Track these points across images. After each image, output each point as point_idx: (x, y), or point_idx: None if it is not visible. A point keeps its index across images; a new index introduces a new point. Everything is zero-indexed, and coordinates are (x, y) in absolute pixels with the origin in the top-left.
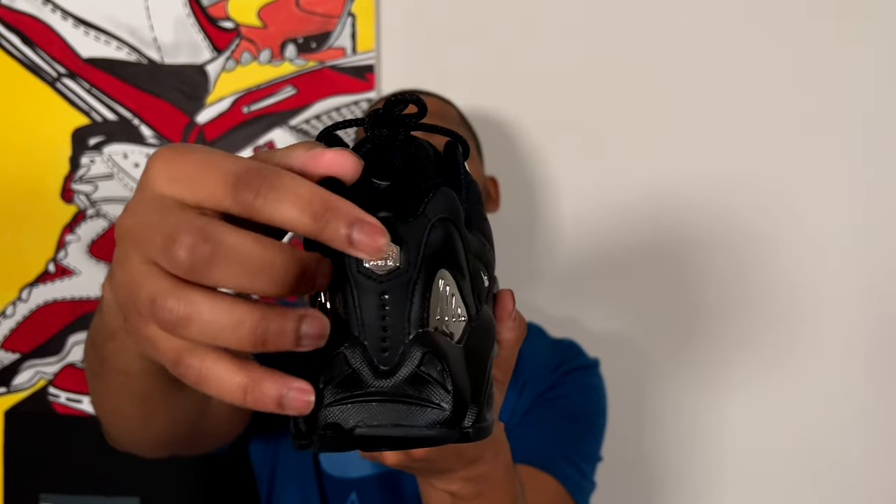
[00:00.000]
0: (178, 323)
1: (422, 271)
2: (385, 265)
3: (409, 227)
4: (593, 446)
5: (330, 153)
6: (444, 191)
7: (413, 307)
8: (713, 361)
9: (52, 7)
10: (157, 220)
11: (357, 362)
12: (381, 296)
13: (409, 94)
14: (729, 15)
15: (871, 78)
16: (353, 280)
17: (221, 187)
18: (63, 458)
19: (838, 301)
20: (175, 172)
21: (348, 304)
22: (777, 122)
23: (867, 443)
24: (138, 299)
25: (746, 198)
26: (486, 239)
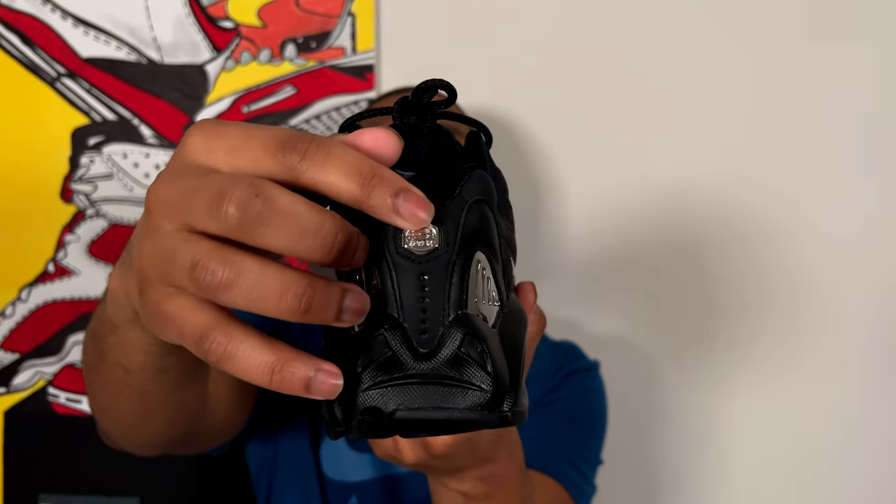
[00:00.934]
0: (220, 286)
1: (460, 252)
2: (424, 246)
3: (446, 208)
4: (594, 449)
5: (370, 131)
6: (479, 173)
7: (452, 288)
8: (715, 363)
9: (51, 7)
10: (201, 183)
11: (396, 344)
12: (420, 277)
13: (439, 81)
14: (733, 13)
15: (873, 76)
16: (392, 261)
17: (265, 151)
18: (63, 458)
19: (844, 302)
20: (214, 144)
21: (386, 285)
22: (780, 123)
23: (872, 444)
24: (173, 266)
25: (749, 199)
26: (511, 227)
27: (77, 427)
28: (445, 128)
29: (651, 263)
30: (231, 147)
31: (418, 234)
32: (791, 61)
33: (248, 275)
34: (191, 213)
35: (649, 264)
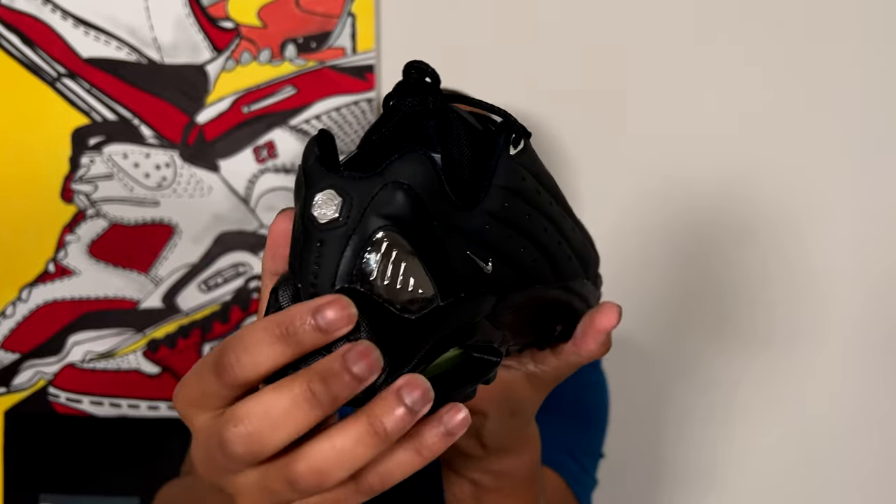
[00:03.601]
0: (317, 483)
1: (361, 227)
2: (325, 214)
3: (360, 183)
4: (595, 442)
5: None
6: (415, 156)
7: (343, 261)
8: (717, 357)
9: (51, 7)
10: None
11: (286, 301)
12: (318, 243)
13: (422, 63)
14: (733, 12)
15: (875, 73)
16: (300, 222)
17: (212, 385)
18: (63, 458)
19: (849, 301)
20: (180, 397)
21: (294, 243)
22: (782, 120)
23: (876, 441)
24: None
25: (752, 197)
26: (522, 234)
27: (77, 427)
28: (458, 111)
29: (653, 258)
30: (199, 395)
31: (325, 202)
32: (793, 58)
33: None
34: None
35: (651, 259)
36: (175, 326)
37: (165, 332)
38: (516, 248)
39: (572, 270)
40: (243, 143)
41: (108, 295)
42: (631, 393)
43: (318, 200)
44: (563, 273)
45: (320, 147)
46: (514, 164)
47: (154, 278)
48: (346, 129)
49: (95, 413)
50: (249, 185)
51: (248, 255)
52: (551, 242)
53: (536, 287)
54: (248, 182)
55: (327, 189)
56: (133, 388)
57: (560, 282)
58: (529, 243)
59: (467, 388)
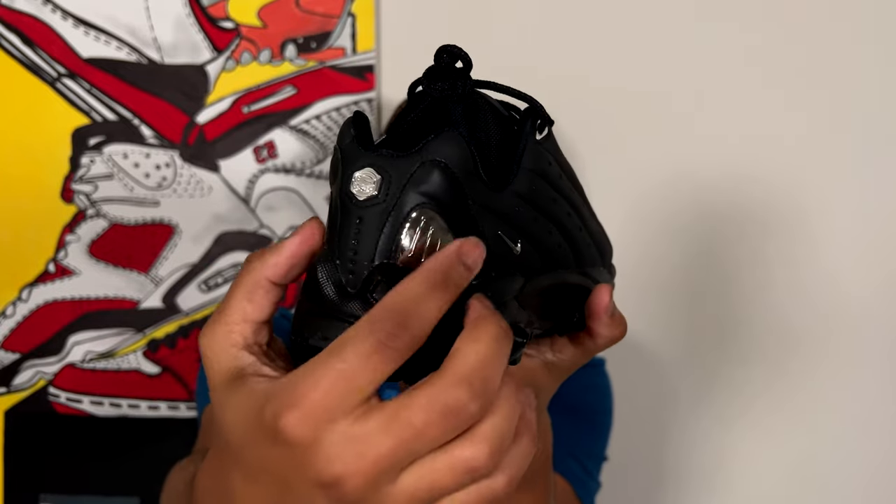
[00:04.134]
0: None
1: (399, 204)
2: (363, 191)
3: (398, 161)
4: (598, 445)
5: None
6: (451, 135)
7: (382, 237)
8: (724, 359)
9: (52, 7)
10: (390, 424)
11: (323, 278)
12: (357, 219)
13: (455, 47)
14: (732, 11)
15: (875, 72)
16: (339, 199)
17: (372, 365)
18: (63, 458)
19: (857, 302)
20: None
21: (332, 220)
22: (784, 121)
23: (880, 444)
24: (433, 494)
25: (766, 201)
26: (548, 217)
27: (77, 427)
28: (485, 97)
29: (658, 258)
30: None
31: (363, 179)
32: (799, 56)
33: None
34: (415, 452)
35: (657, 259)
36: (175, 326)
37: (165, 332)
38: (543, 231)
39: (591, 257)
40: (243, 143)
41: (109, 295)
42: (634, 394)
43: (357, 178)
44: (583, 259)
45: (356, 128)
46: (541, 149)
47: (154, 278)
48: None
49: (95, 413)
50: (249, 185)
51: (247, 255)
52: (574, 228)
53: (560, 271)
54: (249, 182)
55: (366, 167)
56: (133, 387)
57: (580, 267)
58: (555, 227)
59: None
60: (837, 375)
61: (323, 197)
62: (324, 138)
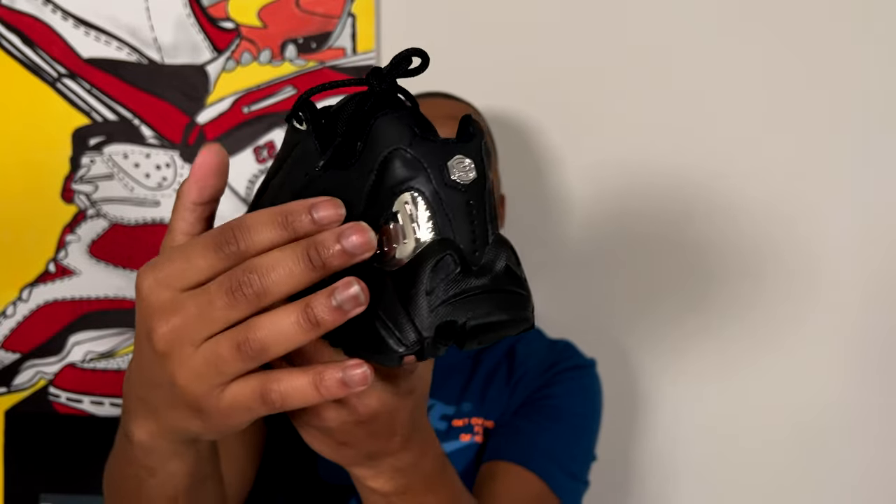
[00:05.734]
0: (262, 350)
1: (487, 180)
2: (467, 176)
3: (470, 144)
4: (582, 446)
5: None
6: (475, 122)
7: (488, 211)
8: (711, 361)
9: (52, 7)
10: (195, 302)
11: (456, 265)
12: (467, 203)
13: (415, 49)
14: (731, 12)
15: (873, 73)
16: (441, 192)
17: (207, 258)
18: (63, 458)
19: (840, 299)
20: (161, 277)
21: (437, 213)
22: (778, 120)
23: (867, 435)
24: (222, 365)
25: (749, 199)
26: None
27: (77, 427)
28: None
29: (647, 261)
30: (180, 270)
31: (461, 167)
32: (802, 55)
33: (273, 326)
34: (205, 325)
35: (646, 263)
36: None
37: None
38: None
39: None
40: (243, 143)
41: (109, 295)
42: (623, 397)
43: (458, 165)
44: None
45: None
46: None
47: None
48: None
49: (96, 413)
50: (250, 185)
51: None
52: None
53: None
54: (249, 182)
55: (456, 156)
56: None
57: None
58: None
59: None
60: (827, 373)
61: None
62: None
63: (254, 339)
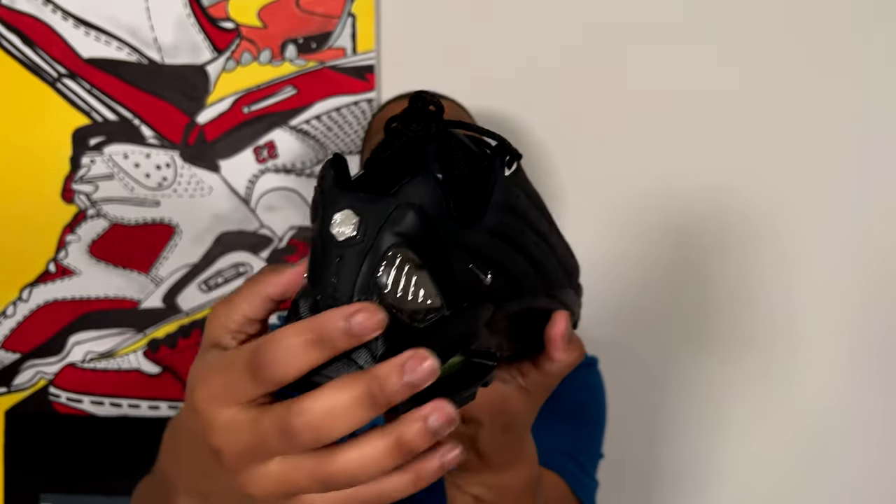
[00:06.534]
0: (350, 481)
1: (376, 244)
2: (343, 233)
3: (375, 204)
4: (594, 443)
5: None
6: (425, 179)
7: (360, 275)
8: (712, 360)
9: (52, 7)
10: (252, 431)
11: (305, 311)
12: (336, 258)
13: (430, 93)
14: (727, 15)
15: (872, 75)
16: (320, 238)
17: (244, 382)
18: (63, 458)
19: (842, 303)
20: (211, 394)
21: (313, 258)
22: (775, 125)
23: (871, 441)
24: (295, 491)
25: (746, 201)
26: (516, 248)
27: (77, 427)
28: (459, 136)
29: (650, 263)
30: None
31: (343, 221)
32: (799, 57)
33: (360, 461)
34: (270, 453)
35: (648, 264)
36: (175, 326)
37: (166, 331)
38: (512, 262)
39: (558, 280)
40: (243, 143)
41: (109, 295)
42: (628, 394)
43: (337, 219)
44: (550, 283)
45: (335, 169)
46: (510, 185)
47: (154, 278)
48: (347, 129)
49: (96, 413)
50: (250, 185)
51: (248, 255)
52: (541, 255)
53: (528, 297)
54: (249, 182)
55: (345, 209)
56: (134, 387)
57: (548, 291)
58: (522, 257)
59: (469, 391)
60: (826, 374)
61: None
62: (324, 138)
63: (341, 476)
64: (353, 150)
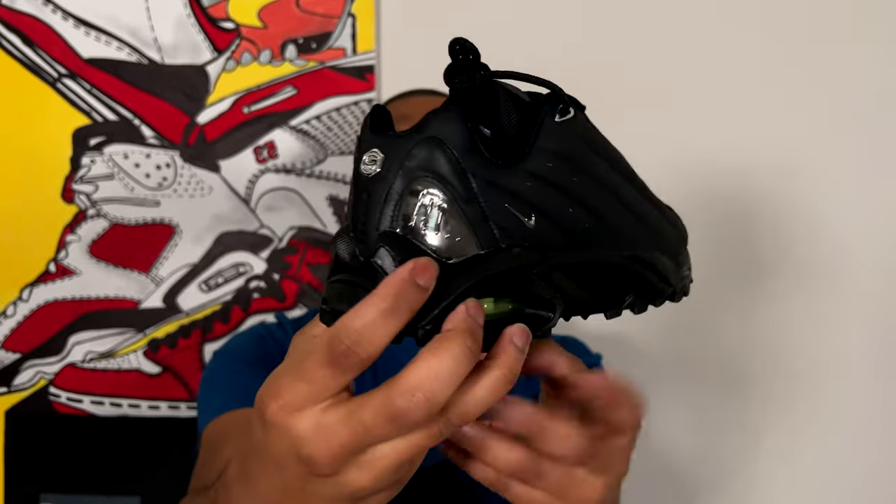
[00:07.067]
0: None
1: (399, 179)
2: (371, 169)
3: (399, 140)
4: None
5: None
6: (448, 114)
7: (385, 208)
8: (713, 361)
9: (52, 7)
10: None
11: (341, 249)
12: (365, 193)
13: (464, 40)
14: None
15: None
16: (353, 179)
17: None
18: (63, 458)
19: (849, 301)
20: (289, 403)
21: (349, 198)
22: (787, 118)
23: (870, 444)
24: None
25: (747, 201)
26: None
27: (78, 427)
28: (504, 84)
29: None
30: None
31: (370, 160)
32: (794, 57)
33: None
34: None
35: None
36: (176, 326)
37: (166, 331)
38: (561, 208)
39: (639, 241)
40: (244, 143)
41: (109, 295)
42: None
43: (365, 159)
44: (622, 241)
45: (373, 118)
46: (564, 132)
47: (155, 278)
48: (347, 129)
49: (96, 413)
50: (250, 185)
51: (248, 255)
52: (608, 209)
53: (590, 249)
54: (249, 182)
55: (372, 149)
56: (134, 387)
57: (624, 249)
58: (578, 205)
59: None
60: (837, 377)
61: (323, 197)
62: (324, 138)
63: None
64: (353, 150)
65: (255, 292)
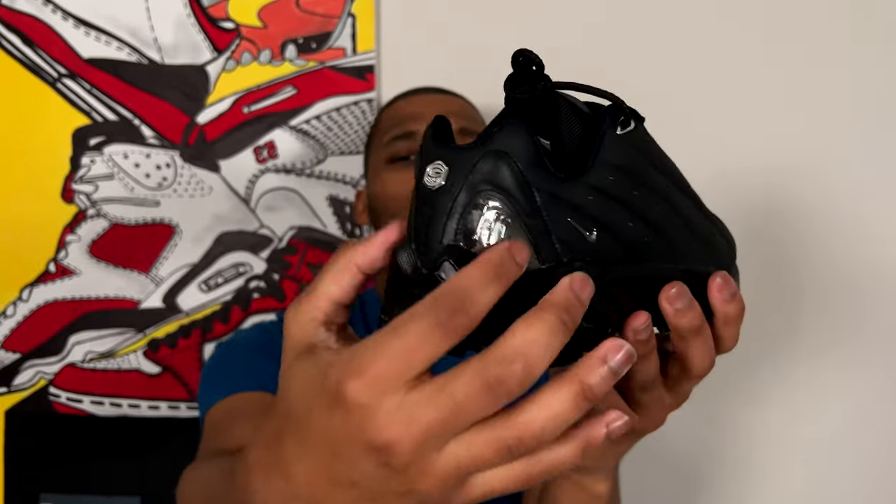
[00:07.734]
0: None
1: (463, 192)
2: (435, 182)
3: (463, 153)
4: None
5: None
6: (513, 128)
7: (449, 221)
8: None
9: (52, 7)
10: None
11: (403, 261)
12: (428, 206)
13: (529, 51)
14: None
15: (877, 76)
16: (416, 190)
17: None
18: (63, 458)
19: (863, 299)
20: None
21: (410, 211)
22: (781, 125)
23: (874, 447)
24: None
25: (750, 200)
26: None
27: (77, 427)
28: (566, 95)
29: None
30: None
31: (433, 173)
32: (793, 56)
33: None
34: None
35: None
36: (176, 326)
37: (166, 331)
38: (621, 222)
39: (694, 254)
40: (243, 143)
41: (109, 295)
42: None
43: (429, 171)
44: (679, 254)
45: (435, 128)
46: (624, 145)
47: (155, 278)
48: (347, 129)
49: (96, 413)
50: (250, 185)
51: (248, 254)
52: (666, 222)
53: (649, 263)
54: (249, 182)
55: (436, 161)
56: (134, 387)
57: (680, 263)
58: (638, 219)
59: (576, 356)
60: (837, 377)
61: (323, 197)
62: (324, 138)
63: (529, 437)
64: (354, 150)
65: (254, 292)
